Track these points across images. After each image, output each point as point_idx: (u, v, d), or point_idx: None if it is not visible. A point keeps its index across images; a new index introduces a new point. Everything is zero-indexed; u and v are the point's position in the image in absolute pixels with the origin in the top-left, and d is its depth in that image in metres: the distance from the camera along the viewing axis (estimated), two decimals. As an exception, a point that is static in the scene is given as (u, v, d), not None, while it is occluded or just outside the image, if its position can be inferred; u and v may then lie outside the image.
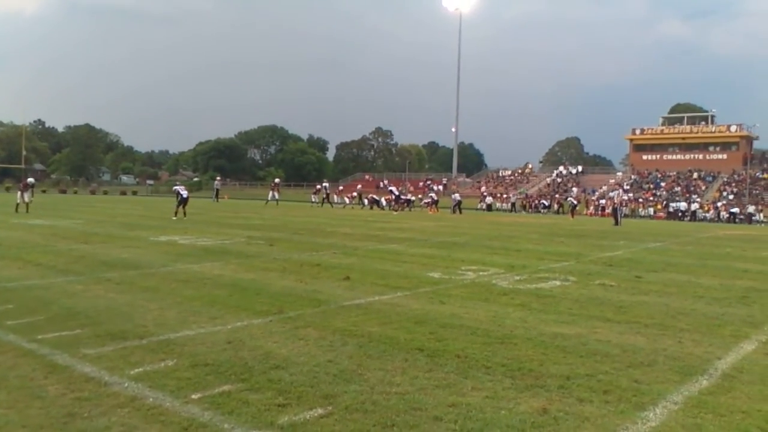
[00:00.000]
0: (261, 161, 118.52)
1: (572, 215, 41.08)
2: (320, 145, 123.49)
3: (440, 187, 63.79)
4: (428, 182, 72.48)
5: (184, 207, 24.77)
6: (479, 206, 52.53)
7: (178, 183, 27.30)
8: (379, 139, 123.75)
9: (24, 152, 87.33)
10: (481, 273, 11.00)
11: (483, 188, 66.63)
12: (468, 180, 78.41)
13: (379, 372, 4.99)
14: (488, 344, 5.94)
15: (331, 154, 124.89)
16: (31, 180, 30.19)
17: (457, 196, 43.19)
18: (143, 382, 4.61)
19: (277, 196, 43.51)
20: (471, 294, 8.82)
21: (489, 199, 54.24)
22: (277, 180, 50.77)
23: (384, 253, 13.87)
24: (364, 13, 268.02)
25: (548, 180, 69.52)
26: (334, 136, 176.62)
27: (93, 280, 9.30)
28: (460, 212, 40.32)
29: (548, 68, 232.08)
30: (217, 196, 48.73)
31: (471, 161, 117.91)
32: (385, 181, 59.19)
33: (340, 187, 60.11)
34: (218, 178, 56.88)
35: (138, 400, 4.24)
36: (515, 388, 4.66)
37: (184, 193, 25.02)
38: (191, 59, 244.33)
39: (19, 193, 28.12)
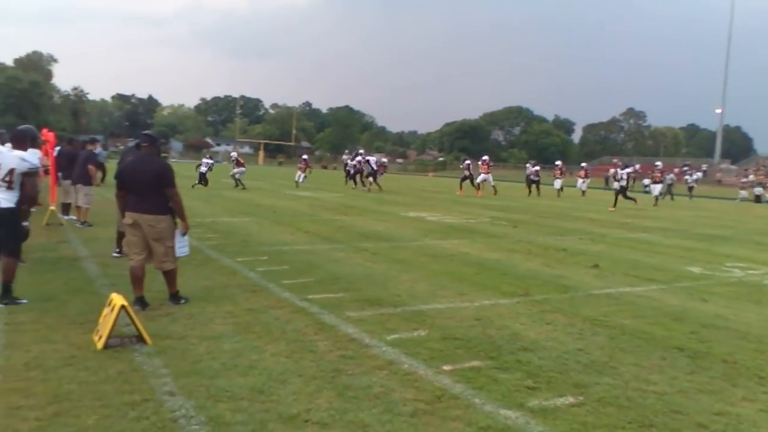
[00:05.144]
0: (504, 142, 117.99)
1: None
2: (566, 127, 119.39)
3: (700, 174, 57.63)
4: (685, 167, 66.08)
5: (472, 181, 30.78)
6: (740, 196, 45.23)
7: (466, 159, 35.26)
8: (631, 121, 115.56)
9: (294, 131, 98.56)
10: (749, 271, 9.82)
11: (751, 176, 58.92)
12: (733, 167, 69.84)
13: (633, 367, 4.73)
14: (761, 351, 5.31)
15: (577, 136, 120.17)
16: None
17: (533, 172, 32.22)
18: (399, 348, 4.92)
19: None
20: (738, 294, 7.92)
21: (758, 189, 47.54)
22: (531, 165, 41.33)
23: (635, 242, 13.02)
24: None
25: (839, 168, 59.12)
26: (582, 117, 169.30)
27: (352, 248, 10.14)
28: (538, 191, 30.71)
29: None
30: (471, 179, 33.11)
31: (737, 146, 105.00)
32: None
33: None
34: (466, 159, 51.92)
35: (394, 365, 4.53)
36: (798, 406, 4.09)
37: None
38: (442, 35, 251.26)
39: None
